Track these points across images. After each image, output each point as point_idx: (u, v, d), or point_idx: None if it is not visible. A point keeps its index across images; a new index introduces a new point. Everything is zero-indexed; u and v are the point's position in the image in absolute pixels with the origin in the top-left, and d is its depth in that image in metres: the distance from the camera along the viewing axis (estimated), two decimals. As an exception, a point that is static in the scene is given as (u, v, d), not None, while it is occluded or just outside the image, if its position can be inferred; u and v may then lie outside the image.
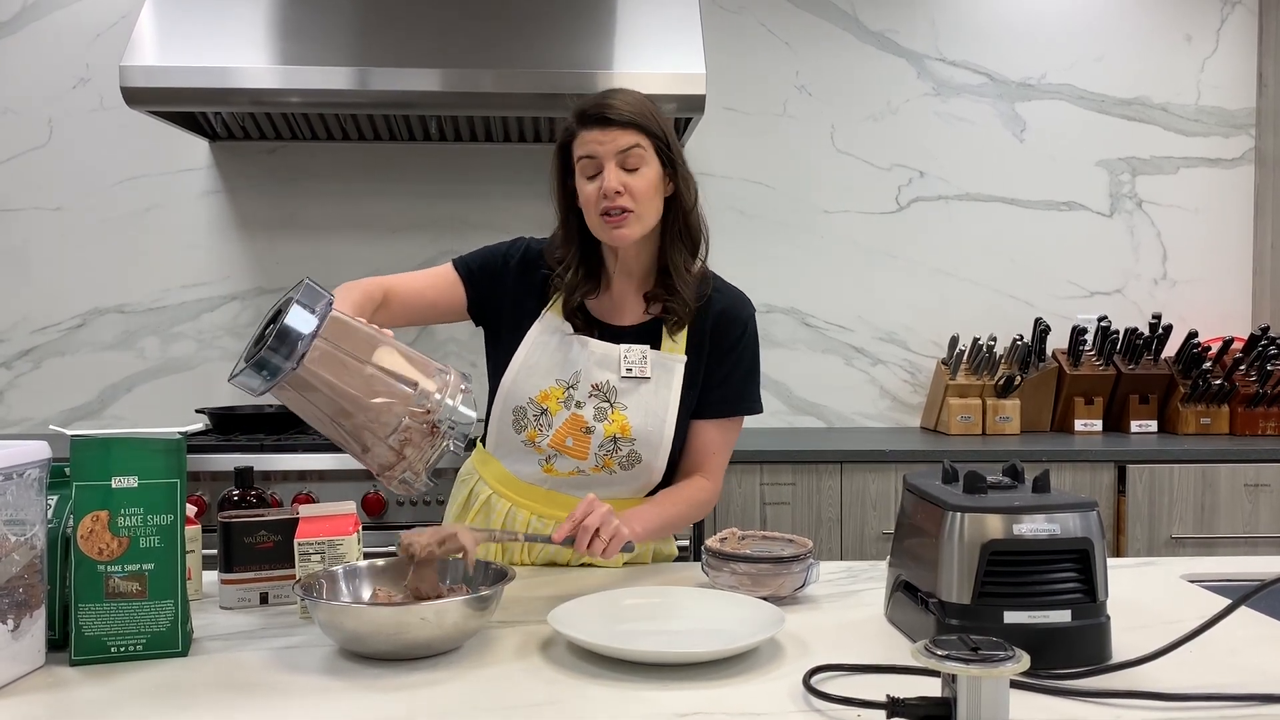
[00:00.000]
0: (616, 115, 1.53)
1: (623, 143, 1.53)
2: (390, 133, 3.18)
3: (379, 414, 1.22)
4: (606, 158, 1.54)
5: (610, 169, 1.53)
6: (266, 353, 1.18)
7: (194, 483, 2.57)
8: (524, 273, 1.68)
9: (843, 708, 1.01)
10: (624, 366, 1.61)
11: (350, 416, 1.22)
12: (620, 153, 1.53)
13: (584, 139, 1.55)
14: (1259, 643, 1.23)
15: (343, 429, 1.24)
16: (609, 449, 1.60)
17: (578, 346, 1.62)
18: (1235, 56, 3.46)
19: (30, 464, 1.13)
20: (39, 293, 3.24)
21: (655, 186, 1.57)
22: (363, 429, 1.23)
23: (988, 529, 1.15)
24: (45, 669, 1.15)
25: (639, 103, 1.57)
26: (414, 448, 1.24)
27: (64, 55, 3.22)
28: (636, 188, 1.54)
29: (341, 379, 1.22)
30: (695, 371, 1.65)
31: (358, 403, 1.22)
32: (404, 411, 1.23)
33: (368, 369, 1.23)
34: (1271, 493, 2.83)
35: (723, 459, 1.70)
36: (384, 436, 1.23)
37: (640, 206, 1.55)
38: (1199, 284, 3.48)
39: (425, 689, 1.08)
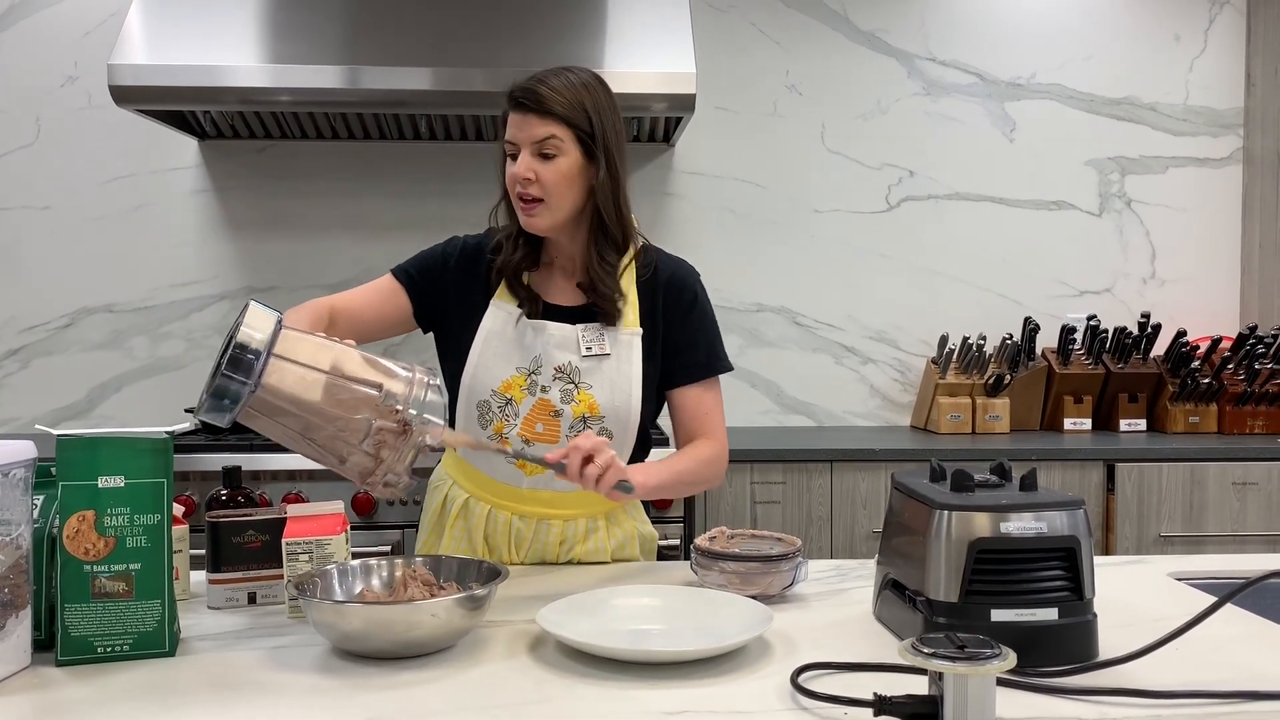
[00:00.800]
0: (537, 104, 1.53)
1: (539, 132, 1.53)
2: (380, 131, 3.18)
3: (348, 422, 1.21)
4: (523, 144, 1.54)
5: (523, 156, 1.54)
6: (222, 379, 1.17)
7: (183, 482, 2.56)
8: (465, 268, 1.68)
9: (830, 706, 1.01)
10: (583, 346, 1.61)
11: (320, 429, 1.21)
12: (535, 142, 1.54)
13: (510, 121, 1.57)
14: (1245, 640, 1.23)
15: (315, 444, 1.23)
16: (579, 430, 1.60)
17: (533, 332, 1.62)
18: (1223, 56, 3.47)
19: (16, 464, 1.12)
20: (27, 292, 3.23)
21: (568, 177, 1.56)
22: (335, 439, 1.22)
23: (975, 527, 1.15)
24: (31, 669, 1.14)
25: (568, 90, 1.55)
26: (389, 449, 1.23)
27: (52, 53, 3.20)
28: (546, 178, 1.54)
29: (304, 393, 1.21)
30: (653, 342, 1.65)
31: (324, 414, 1.21)
32: (373, 414, 1.22)
33: (329, 379, 1.22)
34: (1259, 491, 2.84)
35: (718, 418, 1.69)
36: (357, 444, 1.22)
37: (551, 197, 1.55)
38: (1188, 283, 3.50)
39: (414, 688, 1.08)
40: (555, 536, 1.64)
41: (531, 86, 1.54)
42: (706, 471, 1.64)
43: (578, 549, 1.65)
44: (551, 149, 1.54)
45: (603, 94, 1.59)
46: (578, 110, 1.54)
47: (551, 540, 1.64)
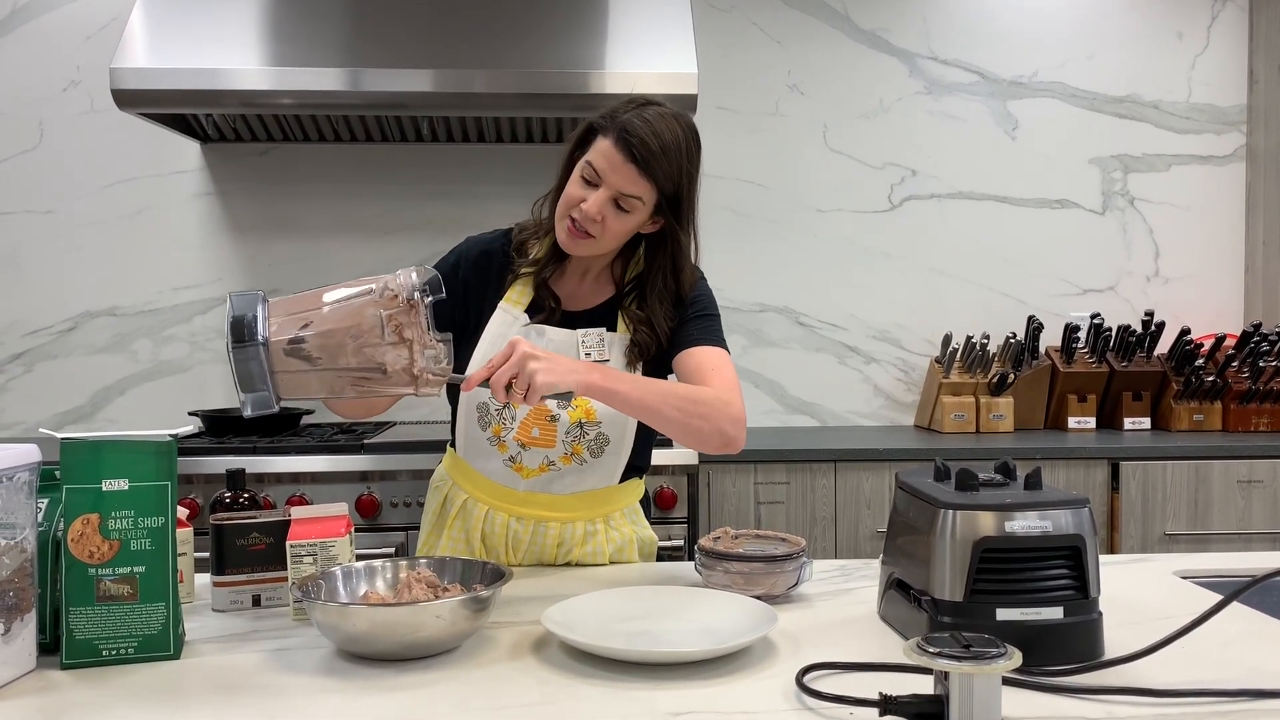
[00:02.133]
0: (641, 159, 1.48)
1: (629, 188, 1.50)
2: (382, 134, 3.18)
3: (361, 326, 1.25)
4: (607, 185, 1.51)
5: (601, 197, 1.51)
6: (235, 355, 1.21)
7: (186, 485, 2.57)
8: (478, 272, 1.67)
9: (836, 706, 1.01)
10: (582, 351, 1.60)
11: (345, 348, 1.25)
12: (620, 193, 1.51)
13: (603, 150, 1.50)
14: (1251, 638, 1.23)
15: (351, 369, 1.26)
16: (575, 434, 1.60)
17: (535, 336, 1.61)
18: (1226, 53, 3.47)
19: (20, 467, 1.12)
20: (30, 296, 3.23)
21: (630, 231, 1.56)
22: (362, 351, 1.25)
23: (980, 526, 1.15)
24: (36, 673, 1.14)
25: (674, 151, 1.51)
26: (411, 327, 1.26)
27: (54, 57, 3.21)
28: (612, 226, 1.53)
29: (313, 327, 1.25)
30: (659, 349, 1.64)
31: (339, 334, 1.25)
32: (377, 308, 1.26)
33: (325, 309, 1.26)
34: (1264, 489, 2.83)
35: (724, 374, 1.56)
36: (381, 340, 1.25)
37: (604, 239, 1.55)
38: (1191, 281, 3.49)
39: (418, 690, 1.08)
40: (553, 539, 1.64)
41: (643, 134, 1.48)
42: (703, 405, 1.48)
43: (575, 552, 1.65)
44: (630, 206, 1.52)
45: (697, 155, 1.57)
46: (672, 179, 1.52)
47: (549, 543, 1.64)
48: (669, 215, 1.56)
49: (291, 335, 1.24)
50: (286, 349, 1.23)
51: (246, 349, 1.21)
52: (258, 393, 1.23)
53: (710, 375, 1.56)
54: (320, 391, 1.27)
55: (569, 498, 1.63)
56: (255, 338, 1.22)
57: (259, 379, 1.22)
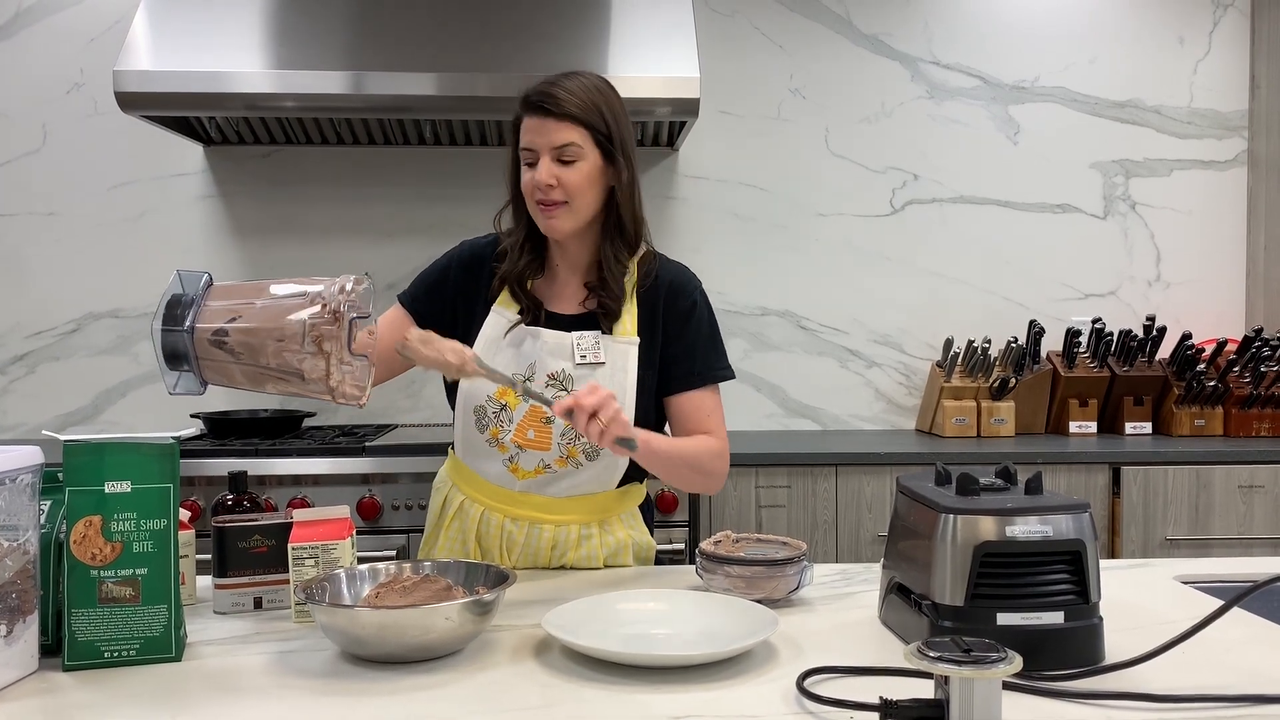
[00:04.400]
0: (555, 108, 1.54)
1: (559, 138, 1.54)
2: (385, 137, 3.19)
3: (284, 330, 1.25)
4: (543, 150, 1.55)
5: (544, 162, 1.55)
6: (161, 334, 1.23)
7: (189, 488, 2.57)
8: (468, 275, 1.69)
9: (836, 710, 1.01)
10: (577, 354, 1.61)
11: (265, 349, 1.24)
12: (556, 148, 1.55)
13: (526, 126, 1.57)
14: (1252, 643, 1.23)
15: (271, 370, 1.26)
16: (570, 438, 1.60)
17: (530, 339, 1.62)
18: (1228, 59, 3.47)
19: (23, 469, 1.12)
20: (33, 298, 3.24)
21: (590, 179, 1.58)
22: (282, 353, 1.25)
23: (980, 531, 1.15)
24: (38, 674, 1.15)
25: (584, 92, 1.56)
26: (330, 340, 1.25)
27: (58, 60, 3.21)
28: (570, 181, 1.56)
29: (240, 321, 1.25)
30: (651, 350, 1.65)
31: (261, 334, 1.24)
32: (304, 314, 1.25)
33: (258, 304, 1.27)
34: (1266, 494, 2.83)
35: (718, 419, 1.68)
36: (301, 347, 1.25)
37: (574, 200, 1.57)
38: (1193, 286, 3.49)
39: (419, 693, 1.08)
40: (547, 541, 1.64)
41: (548, 90, 1.55)
42: (708, 461, 1.64)
43: (570, 555, 1.65)
44: (572, 155, 1.55)
45: (614, 97, 1.61)
46: (595, 114, 1.56)
47: (543, 545, 1.64)
48: (618, 155, 1.58)
49: (217, 326, 1.24)
50: (210, 339, 1.24)
51: (172, 332, 1.24)
52: (183, 374, 1.25)
53: (704, 423, 1.66)
54: (244, 383, 1.28)
55: (565, 500, 1.63)
56: (182, 323, 1.24)
57: (184, 361, 1.24)
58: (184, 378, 1.25)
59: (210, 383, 1.28)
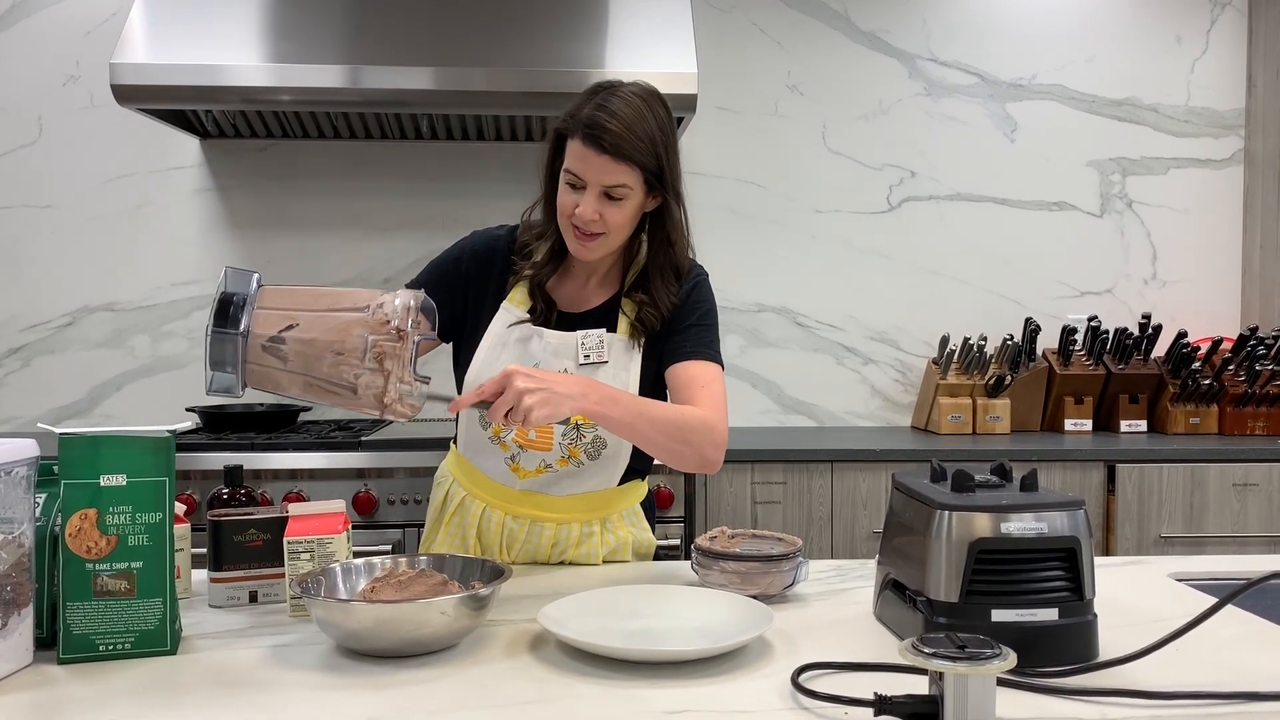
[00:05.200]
0: (611, 145, 1.47)
1: (611, 179, 1.50)
2: (382, 131, 3.18)
3: (344, 344, 1.23)
4: (590, 184, 1.51)
5: (590, 198, 1.51)
6: (213, 336, 1.20)
7: (184, 481, 2.57)
8: (480, 265, 1.67)
9: (831, 705, 1.01)
10: (581, 353, 1.60)
11: (321, 361, 1.23)
12: (605, 186, 1.50)
13: (575, 151, 1.51)
14: (1245, 641, 1.23)
15: (324, 381, 1.25)
16: (572, 437, 1.60)
17: (536, 338, 1.61)
18: (1225, 57, 3.47)
19: (18, 462, 1.12)
20: (28, 291, 3.23)
21: (632, 216, 1.56)
22: (339, 367, 1.23)
23: (975, 528, 1.15)
24: (33, 667, 1.14)
25: (638, 124, 1.49)
26: (392, 359, 1.24)
27: (54, 52, 3.21)
28: (612, 219, 1.53)
29: (296, 331, 1.23)
30: (655, 342, 1.64)
31: (320, 345, 1.23)
32: (365, 330, 1.23)
33: (315, 314, 1.24)
34: (1260, 492, 2.84)
35: (713, 391, 1.57)
36: (360, 362, 1.23)
37: (613, 234, 1.55)
38: (1188, 284, 3.50)
39: (414, 687, 1.08)
40: (548, 539, 1.64)
41: (606, 124, 1.47)
42: (689, 432, 1.50)
43: (570, 553, 1.65)
44: (620, 195, 1.51)
45: (666, 119, 1.55)
46: (650, 154, 1.50)
47: (544, 543, 1.64)
48: (659, 188, 1.56)
49: (273, 333, 1.22)
50: (265, 345, 1.22)
51: (226, 333, 1.21)
52: (226, 375, 1.22)
53: (700, 393, 1.57)
54: (288, 390, 1.26)
55: (566, 499, 1.63)
56: (238, 325, 1.21)
57: (230, 364, 1.21)
58: (222, 378, 1.22)
59: (251, 386, 1.25)
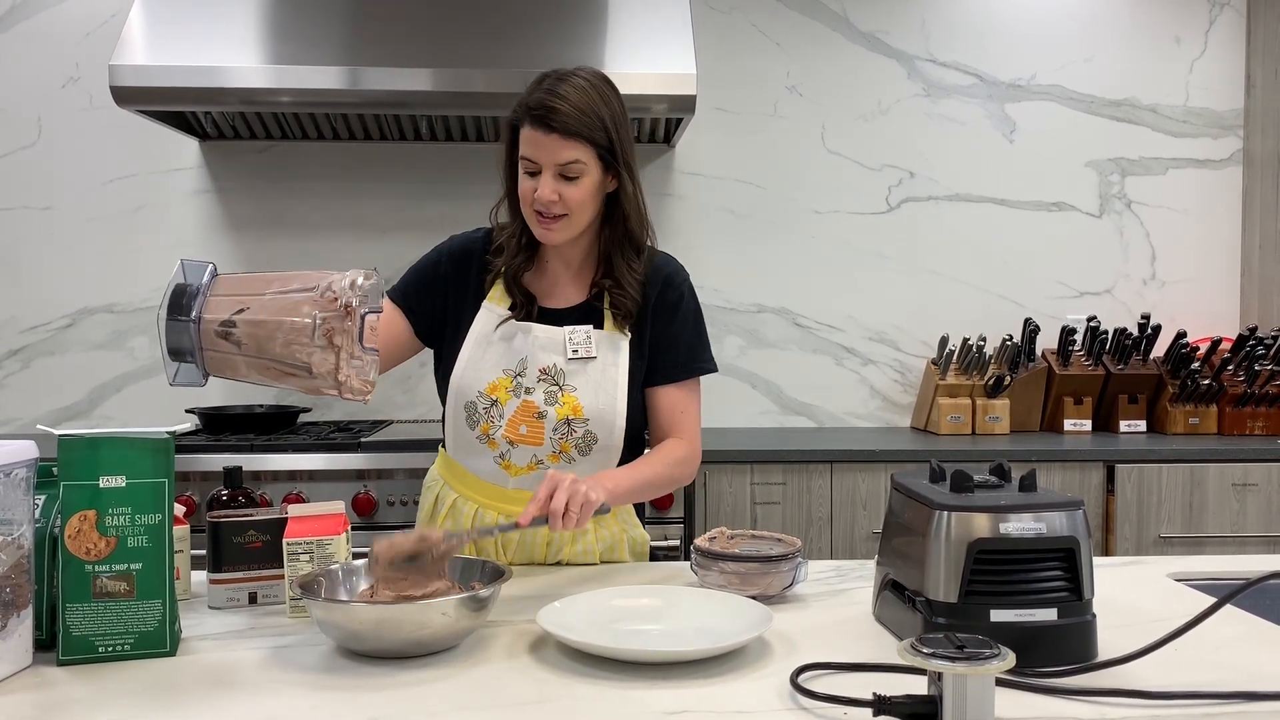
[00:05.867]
0: (560, 124, 1.50)
1: (563, 156, 1.52)
2: (381, 132, 3.18)
3: (293, 324, 1.24)
4: (545, 166, 1.53)
5: (546, 179, 1.53)
6: (167, 324, 1.22)
7: (184, 483, 2.57)
8: (458, 270, 1.68)
9: (830, 706, 1.01)
10: (569, 349, 1.61)
11: (274, 341, 1.23)
12: (559, 164, 1.52)
13: (526, 137, 1.54)
14: (1244, 641, 1.24)
15: (279, 363, 1.25)
16: (563, 432, 1.60)
17: (521, 334, 1.62)
18: (1223, 58, 3.47)
19: (18, 463, 1.12)
20: (28, 292, 3.23)
21: (592, 194, 1.57)
22: (290, 346, 1.24)
23: (974, 528, 1.15)
24: (32, 669, 1.15)
25: (587, 105, 1.52)
26: (341, 334, 1.25)
27: (53, 54, 3.21)
28: (571, 197, 1.54)
29: (247, 314, 1.24)
30: (642, 343, 1.65)
31: (270, 325, 1.23)
32: (313, 308, 1.25)
33: (265, 297, 1.26)
34: (1259, 492, 2.84)
35: (692, 417, 1.68)
36: (310, 340, 1.24)
37: (575, 213, 1.56)
38: (1188, 284, 3.50)
39: (414, 688, 1.08)
40: (542, 538, 1.64)
41: (552, 104, 1.50)
42: (676, 472, 1.64)
43: (565, 551, 1.65)
44: (575, 171, 1.53)
45: (614, 99, 1.58)
46: (598, 129, 1.53)
47: (538, 542, 1.64)
48: (613, 164, 1.57)
49: (224, 318, 1.23)
50: (217, 330, 1.23)
51: (178, 321, 1.22)
52: (186, 365, 1.24)
53: (680, 419, 1.67)
54: (247, 375, 1.27)
55: None
56: (189, 313, 1.22)
57: (187, 352, 1.23)
58: (185, 369, 1.24)
59: (213, 374, 1.27)
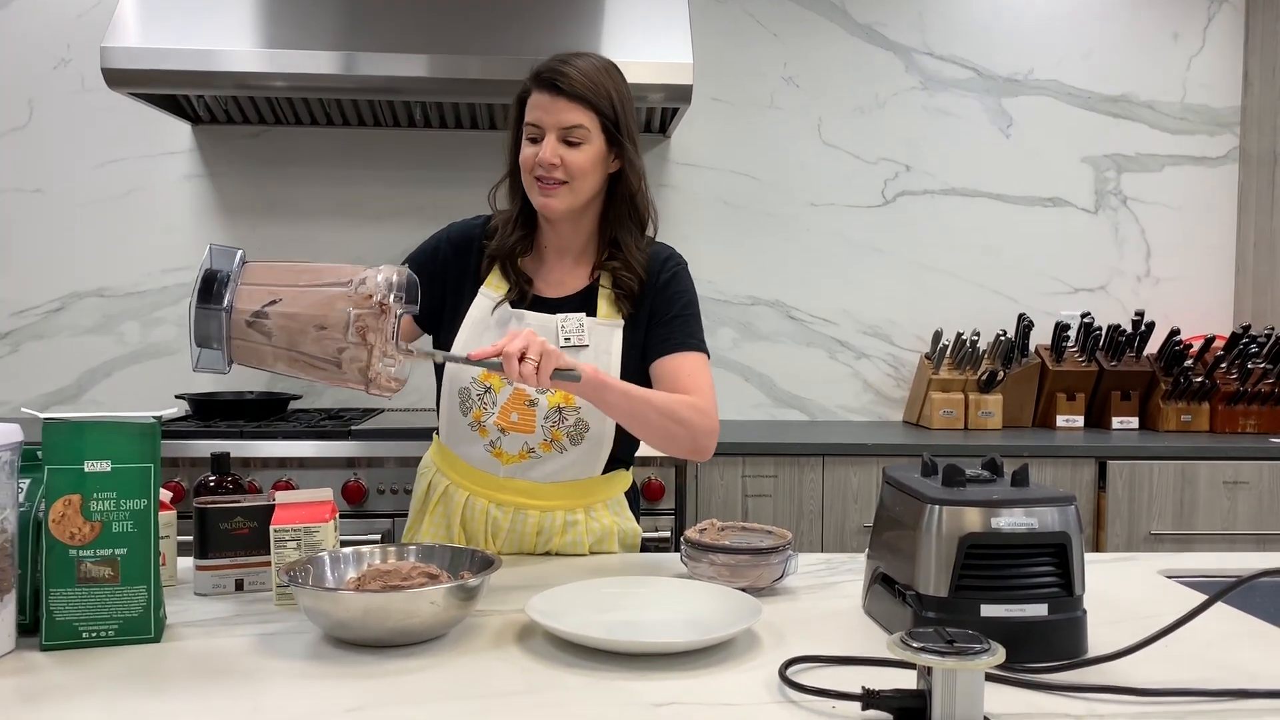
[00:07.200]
0: (567, 87, 1.53)
1: (567, 119, 1.54)
2: (375, 118, 3.16)
3: (327, 319, 1.24)
4: (549, 129, 1.55)
5: (549, 141, 1.54)
6: (197, 312, 1.21)
7: (173, 469, 2.56)
8: (458, 254, 1.68)
9: (818, 699, 1.01)
10: (561, 336, 1.60)
11: (305, 336, 1.24)
12: (563, 128, 1.54)
13: (533, 102, 1.56)
14: (1234, 638, 1.23)
15: (309, 355, 1.25)
16: (555, 420, 1.60)
17: (515, 321, 1.61)
18: (1222, 55, 3.47)
19: (2, 447, 1.11)
20: (17, 276, 3.21)
21: (594, 163, 1.57)
22: (323, 341, 1.24)
23: (966, 522, 1.14)
24: (15, 654, 1.14)
25: (594, 74, 1.55)
26: (375, 333, 1.25)
27: (45, 35, 3.18)
28: (573, 162, 1.55)
29: (280, 305, 1.23)
30: (635, 331, 1.64)
31: (303, 319, 1.24)
32: (348, 304, 1.24)
33: (298, 289, 1.25)
34: (1250, 490, 2.84)
35: (701, 381, 1.60)
36: (344, 336, 1.24)
37: (575, 181, 1.56)
38: (1182, 282, 3.50)
39: (400, 677, 1.08)
40: (532, 527, 1.63)
41: (560, 69, 1.54)
42: (686, 413, 1.54)
43: (555, 541, 1.65)
44: (578, 137, 1.55)
45: (621, 82, 1.61)
46: (604, 99, 1.55)
47: (528, 531, 1.63)
48: (617, 137, 1.58)
49: (256, 309, 1.23)
50: (249, 320, 1.23)
51: (210, 309, 1.22)
52: (211, 352, 1.24)
53: (688, 382, 1.60)
54: (273, 365, 1.27)
55: (549, 486, 1.63)
56: (221, 301, 1.22)
57: (215, 339, 1.23)
58: (209, 354, 1.24)
59: (237, 362, 1.26)
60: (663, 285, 1.65)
